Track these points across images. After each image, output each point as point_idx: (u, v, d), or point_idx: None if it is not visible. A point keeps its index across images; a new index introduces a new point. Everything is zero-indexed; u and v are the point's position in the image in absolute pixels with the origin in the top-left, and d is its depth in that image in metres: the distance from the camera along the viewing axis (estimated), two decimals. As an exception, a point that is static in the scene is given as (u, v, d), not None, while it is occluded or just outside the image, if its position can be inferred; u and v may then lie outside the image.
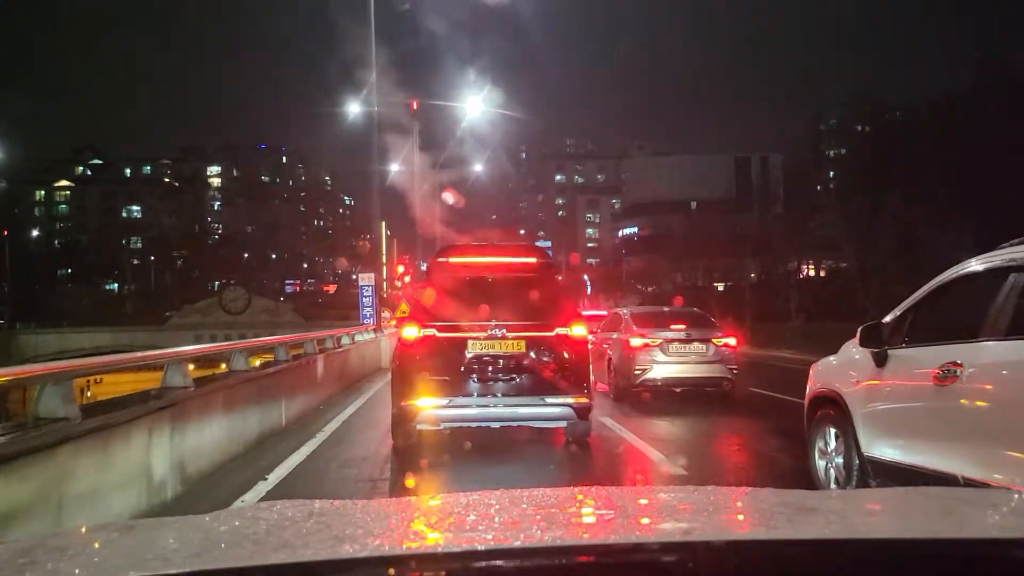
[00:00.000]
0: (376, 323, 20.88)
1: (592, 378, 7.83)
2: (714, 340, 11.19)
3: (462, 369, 6.99)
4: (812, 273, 35.55)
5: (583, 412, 7.21)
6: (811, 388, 5.40)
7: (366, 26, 19.36)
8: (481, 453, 7.42)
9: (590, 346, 7.92)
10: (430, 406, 6.95)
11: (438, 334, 7.05)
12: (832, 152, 47.61)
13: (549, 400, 7.05)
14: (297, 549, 1.28)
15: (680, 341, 11.11)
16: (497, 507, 1.62)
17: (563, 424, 7.47)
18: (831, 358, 5.44)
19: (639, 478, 6.74)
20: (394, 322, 19.46)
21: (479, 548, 1.22)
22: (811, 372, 5.51)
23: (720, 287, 42.82)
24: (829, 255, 40.41)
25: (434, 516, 1.68)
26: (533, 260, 7.85)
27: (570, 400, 7.08)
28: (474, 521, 1.53)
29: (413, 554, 1.26)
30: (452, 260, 7.70)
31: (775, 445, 8.15)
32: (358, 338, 16.38)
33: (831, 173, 38.89)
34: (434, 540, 1.44)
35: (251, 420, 7.55)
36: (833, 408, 5.06)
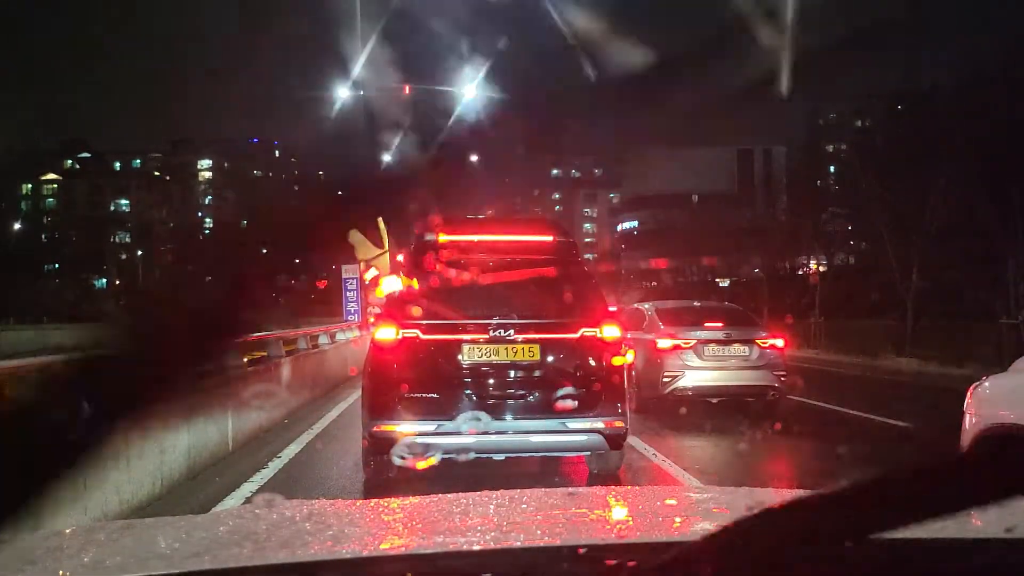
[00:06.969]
0: (362, 320, 19.08)
1: (628, 394, 6.07)
2: (758, 341, 9.33)
3: (456, 383, 5.28)
4: (823, 268, 33.93)
5: (616, 440, 5.45)
6: (978, 421, 3.60)
7: (367, 19, 18.03)
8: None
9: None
10: (412, 432, 5.21)
11: (423, 336, 5.30)
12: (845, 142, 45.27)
13: (572, 424, 5.30)
14: (297, 549, 1.26)
15: (718, 343, 9.25)
16: (498, 507, 1.58)
17: (587, 454, 5.79)
18: (1006, 376, 3.67)
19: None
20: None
21: (480, 548, 1.21)
22: (972, 397, 3.72)
23: (723, 283, 41.04)
24: (842, 249, 38.70)
25: (435, 516, 1.61)
26: (550, 239, 5.99)
27: (599, 424, 5.32)
28: (476, 522, 1.50)
29: (413, 554, 1.23)
30: (443, 239, 5.89)
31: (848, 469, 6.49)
32: (339, 337, 14.54)
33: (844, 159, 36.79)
34: (435, 540, 1.39)
35: (174, 452, 5.71)
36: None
